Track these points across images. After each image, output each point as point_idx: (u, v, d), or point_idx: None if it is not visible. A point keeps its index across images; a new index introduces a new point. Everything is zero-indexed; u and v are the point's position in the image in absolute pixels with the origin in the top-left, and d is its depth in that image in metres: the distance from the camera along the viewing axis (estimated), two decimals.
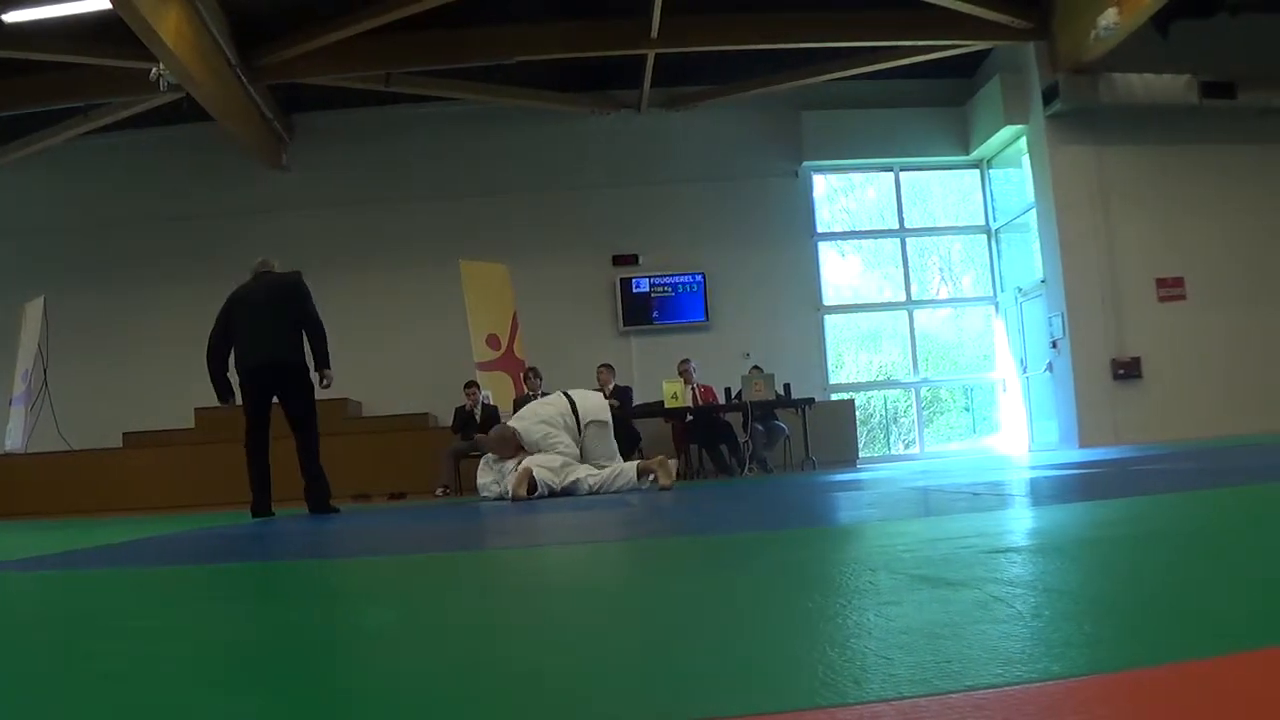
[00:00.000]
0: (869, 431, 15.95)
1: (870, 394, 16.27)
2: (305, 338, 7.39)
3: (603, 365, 12.29)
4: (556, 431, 7.92)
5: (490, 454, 8.16)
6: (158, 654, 1.52)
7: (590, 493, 7.53)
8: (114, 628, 1.89)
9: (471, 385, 12.04)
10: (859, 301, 15.94)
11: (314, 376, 7.46)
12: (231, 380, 7.57)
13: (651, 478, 7.67)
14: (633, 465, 7.91)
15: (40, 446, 12.60)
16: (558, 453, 7.81)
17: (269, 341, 7.30)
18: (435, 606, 2.02)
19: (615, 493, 7.45)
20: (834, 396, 14.45)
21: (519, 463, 7.73)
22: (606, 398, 12.01)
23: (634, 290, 14.44)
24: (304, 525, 5.76)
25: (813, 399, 12.43)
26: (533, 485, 7.42)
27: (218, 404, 7.85)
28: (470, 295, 12.59)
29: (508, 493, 7.54)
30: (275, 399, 7.46)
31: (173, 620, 1.98)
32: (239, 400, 7.51)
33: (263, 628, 1.80)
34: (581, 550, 3.28)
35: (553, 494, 7.55)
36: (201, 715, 1.09)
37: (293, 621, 1.87)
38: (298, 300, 7.42)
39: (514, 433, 8.03)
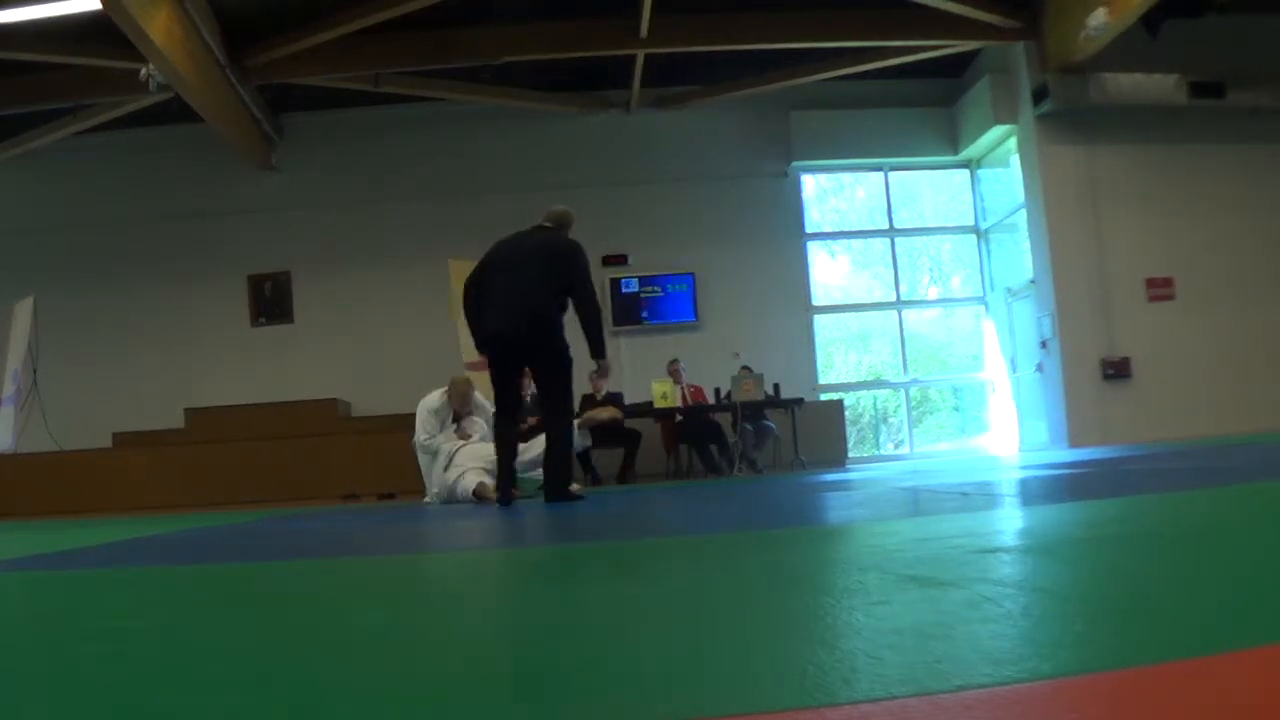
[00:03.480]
0: (858, 432, 15.99)
1: (859, 394, 16.30)
2: (558, 312, 6.57)
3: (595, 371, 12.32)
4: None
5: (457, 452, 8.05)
6: (144, 654, 1.52)
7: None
8: (101, 628, 1.88)
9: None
10: (848, 302, 15.96)
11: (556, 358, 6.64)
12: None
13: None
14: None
15: (29, 447, 12.56)
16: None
17: (515, 310, 6.44)
18: (428, 607, 2.02)
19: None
20: (823, 397, 14.46)
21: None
22: (599, 401, 12.09)
23: (623, 290, 14.43)
24: (300, 525, 5.74)
25: (802, 399, 12.45)
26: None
27: (204, 405, 7.66)
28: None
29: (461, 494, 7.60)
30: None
31: (160, 621, 1.98)
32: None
33: (251, 628, 1.80)
34: (571, 551, 3.27)
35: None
36: (188, 715, 1.09)
37: (282, 621, 1.87)
38: (570, 271, 6.53)
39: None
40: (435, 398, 8.14)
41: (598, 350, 6.68)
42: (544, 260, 6.53)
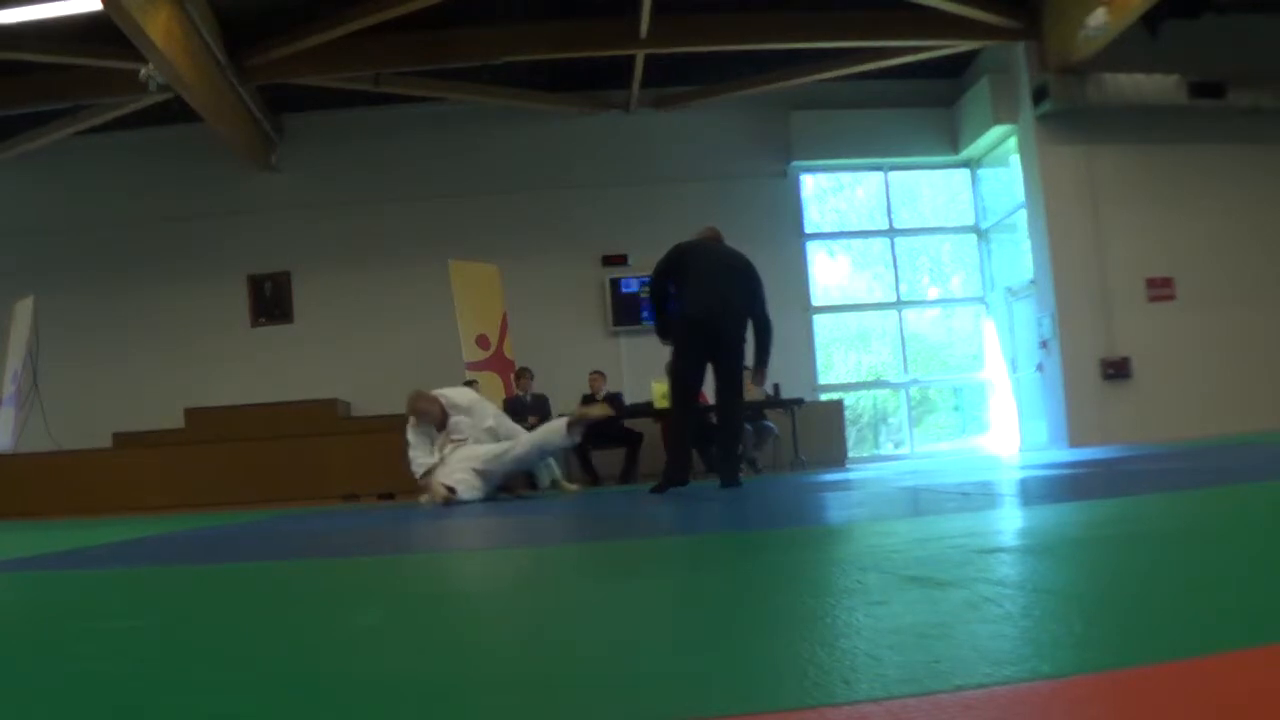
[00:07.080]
0: (858, 432, 15.97)
1: (859, 394, 16.29)
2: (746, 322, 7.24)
3: (595, 371, 12.33)
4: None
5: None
6: (144, 654, 1.52)
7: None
8: (101, 628, 1.88)
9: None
10: (848, 302, 15.96)
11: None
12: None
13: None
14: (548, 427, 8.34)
15: (29, 447, 12.55)
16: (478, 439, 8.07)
17: (729, 309, 7.08)
18: (424, 607, 2.02)
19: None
20: (823, 397, 14.46)
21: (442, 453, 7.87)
22: (597, 402, 12.10)
23: (623, 290, 14.42)
24: (300, 525, 5.73)
25: (802, 399, 12.46)
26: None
27: (204, 405, 7.68)
28: (460, 295, 12.59)
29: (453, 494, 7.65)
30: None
31: (160, 621, 1.98)
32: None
33: (251, 628, 1.80)
34: (568, 551, 3.27)
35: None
36: (188, 716, 1.09)
37: (278, 621, 1.86)
38: (757, 286, 7.31)
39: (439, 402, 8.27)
40: (413, 422, 8.28)
41: (764, 359, 7.39)
42: (742, 272, 7.29)
